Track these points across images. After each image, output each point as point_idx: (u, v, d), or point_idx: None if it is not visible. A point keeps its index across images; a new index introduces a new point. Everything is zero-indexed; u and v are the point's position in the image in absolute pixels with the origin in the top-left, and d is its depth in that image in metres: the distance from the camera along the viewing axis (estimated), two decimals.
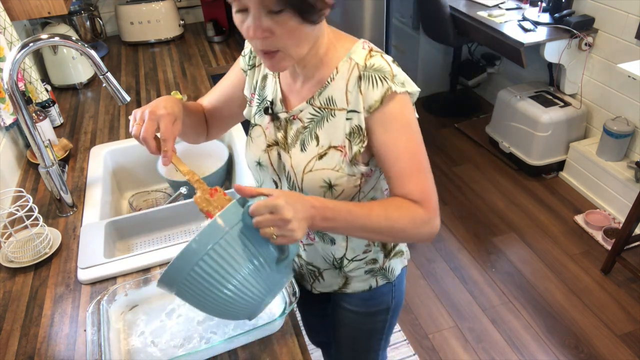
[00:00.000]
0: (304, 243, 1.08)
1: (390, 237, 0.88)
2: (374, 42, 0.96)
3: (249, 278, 0.78)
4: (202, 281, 0.76)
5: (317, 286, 1.17)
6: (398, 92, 0.85)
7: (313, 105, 0.91)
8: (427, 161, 0.89)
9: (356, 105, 0.87)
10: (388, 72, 0.85)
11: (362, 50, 0.88)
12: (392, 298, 1.18)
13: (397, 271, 1.15)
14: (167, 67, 2.21)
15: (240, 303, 0.79)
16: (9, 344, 1.01)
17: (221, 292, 0.78)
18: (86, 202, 1.39)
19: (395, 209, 0.85)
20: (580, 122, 2.88)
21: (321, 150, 0.91)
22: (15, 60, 1.10)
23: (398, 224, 0.84)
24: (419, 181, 0.87)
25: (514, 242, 2.61)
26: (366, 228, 0.84)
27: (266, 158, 0.99)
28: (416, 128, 0.88)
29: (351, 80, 0.86)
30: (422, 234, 0.86)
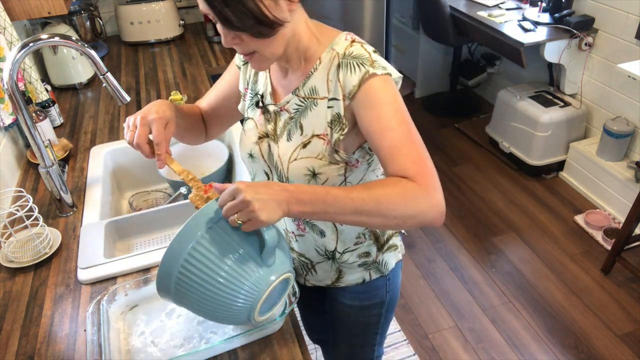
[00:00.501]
0: (295, 234, 1.09)
1: (380, 218, 0.78)
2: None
3: (234, 273, 0.78)
4: (192, 283, 0.78)
5: (311, 279, 1.18)
6: (378, 74, 0.84)
7: (298, 96, 0.93)
8: (417, 135, 0.84)
9: (336, 93, 0.88)
10: (367, 59, 0.85)
11: (345, 41, 0.89)
12: (387, 292, 1.19)
13: (391, 265, 1.15)
14: (167, 67, 2.21)
15: (232, 301, 0.80)
16: (9, 344, 1.01)
17: (211, 291, 0.78)
18: (86, 202, 1.39)
19: (380, 187, 0.80)
20: (580, 122, 2.88)
21: (305, 139, 0.93)
22: (15, 60, 1.10)
23: (385, 201, 0.78)
24: (410, 153, 0.82)
25: (514, 242, 2.61)
26: (348, 209, 0.78)
27: (257, 150, 1.01)
28: (401, 104, 0.85)
29: (332, 69, 0.88)
30: (420, 211, 0.79)
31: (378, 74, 0.84)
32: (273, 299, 0.88)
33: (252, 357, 0.96)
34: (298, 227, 1.07)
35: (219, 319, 0.86)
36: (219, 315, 0.84)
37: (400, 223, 0.80)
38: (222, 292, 0.79)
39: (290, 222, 1.08)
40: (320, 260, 1.12)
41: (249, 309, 0.82)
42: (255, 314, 0.84)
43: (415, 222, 0.81)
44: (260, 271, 0.81)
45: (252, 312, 0.83)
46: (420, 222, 0.81)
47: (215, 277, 0.78)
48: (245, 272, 0.79)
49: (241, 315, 0.83)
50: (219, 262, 0.78)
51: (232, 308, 0.81)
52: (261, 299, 0.82)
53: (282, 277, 0.84)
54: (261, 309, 0.84)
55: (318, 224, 1.04)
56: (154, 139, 0.90)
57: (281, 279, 0.84)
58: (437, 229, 2.71)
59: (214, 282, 0.78)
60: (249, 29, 0.79)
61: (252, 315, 0.84)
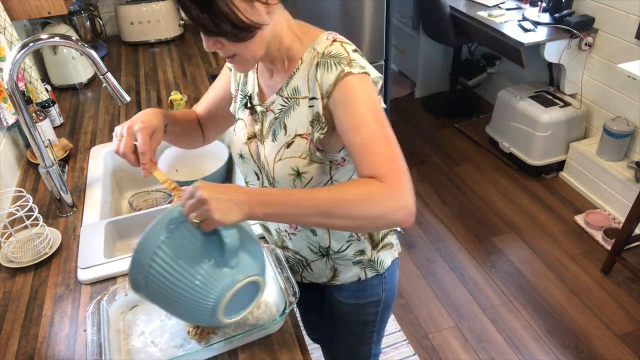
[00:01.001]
0: (289, 232, 1.10)
1: (345, 219, 0.77)
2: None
3: (195, 273, 0.79)
4: (158, 282, 0.80)
5: (307, 275, 1.18)
6: (354, 73, 0.83)
7: (282, 96, 0.94)
8: (390, 133, 0.82)
9: (315, 92, 0.88)
10: (344, 58, 0.85)
11: (326, 40, 0.89)
12: (383, 290, 1.19)
13: (387, 263, 1.16)
14: (167, 67, 2.21)
15: (195, 301, 0.80)
16: (9, 344, 1.01)
17: (175, 290, 0.79)
18: (86, 202, 1.39)
19: (346, 187, 0.79)
20: (580, 122, 2.88)
21: (288, 139, 0.93)
22: (15, 60, 1.10)
23: (349, 201, 0.76)
24: (380, 151, 0.80)
25: (514, 242, 2.61)
26: (312, 210, 0.77)
27: (247, 150, 1.03)
28: (377, 103, 0.84)
29: (311, 68, 0.88)
30: (387, 212, 0.77)
31: (354, 73, 0.83)
32: (241, 301, 0.87)
33: (252, 357, 0.96)
34: (290, 226, 1.08)
35: (187, 318, 0.86)
36: (185, 315, 0.84)
37: (367, 224, 0.79)
38: (185, 291, 0.79)
39: None
40: (315, 259, 1.12)
41: (212, 309, 0.81)
42: (219, 315, 0.83)
43: (383, 223, 0.79)
44: (222, 272, 0.80)
45: (215, 312, 0.82)
46: (388, 223, 0.79)
47: (178, 276, 0.79)
48: (206, 272, 0.79)
49: (205, 316, 0.82)
50: (182, 263, 0.79)
51: (196, 308, 0.81)
52: (224, 300, 0.81)
53: (247, 280, 0.82)
54: (227, 310, 0.83)
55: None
56: (138, 148, 0.91)
57: (246, 281, 0.82)
58: (437, 229, 2.71)
59: (177, 282, 0.79)
60: (226, 33, 0.80)
61: (217, 316, 0.82)
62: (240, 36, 0.81)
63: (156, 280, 0.80)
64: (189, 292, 0.79)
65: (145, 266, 0.79)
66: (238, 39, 0.81)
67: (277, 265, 1.05)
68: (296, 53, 0.91)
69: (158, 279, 0.79)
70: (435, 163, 3.22)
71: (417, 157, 3.28)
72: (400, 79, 4.17)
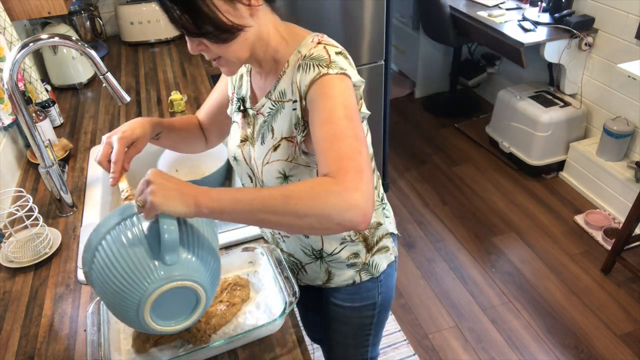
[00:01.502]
0: (282, 235, 1.10)
1: (290, 216, 0.72)
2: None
3: (130, 262, 0.76)
4: (99, 269, 0.79)
5: (302, 278, 1.19)
6: (331, 73, 0.82)
7: (271, 100, 0.94)
8: (358, 132, 0.79)
9: (295, 95, 0.88)
10: (324, 60, 0.84)
11: (311, 43, 0.88)
12: (378, 294, 1.19)
13: (383, 267, 1.15)
14: (167, 67, 2.21)
15: (122, 290, 0.77)
16: (9, 344, 1.01)
17: (109, 278, 0.77)
18: (86, 202, 1.39)
19: (296, 184, 0.76)
20: (580, 122, 2.88)
21: (275, 142, 0.94)
22: (15, 60, 1.10)
23: (294, 196, 0.73)
24: (340, 148, 0.76)
25: (514, 242, 2.61)
26: (257, 206, 0.73)
27: (240, 153, 1.04)
28: (350, 101, 0.82)
29: (294, 71, 0.88)
30: (333, 210, 0.71)
31: (331, 73, 0.82)
32: (175, 309, 0.82)
33: (252, 357, 0.96)
34: None
35: (118, 313, 0.81)
36: (116, 309, 0.80)
37: (316, 224, 0.73)
38: (118, 280, 0.77)
39: None
40: (309, 261, 1.13)
41: (138, 304, 0.77)
42: (145, 314, 0.78)
43: (332, 223, 0.72)
44: (154, 266, 0.77)
45: (141, 309, 0.77)
46: (338, 223, 0.72)
47: (115, 264, 0.77)
48: (140, 263, 0.76)
49: (132, 312, 0.78)
50: (122, 251, 0.77)
51: (124, 301, 0.77)
52: (151, 297, 0.76)
53: (181, 282, 0.77)
54: (156, 312, 0.79)
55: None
56: (111, 157, 0.94)
57: (179, 284, 0.77)
58: (437, 229, 2.71)
59: (113, 270, 0.77)
60: (207, 34, 0.80)
61: (143, 315, 0.78)
62: (221, 37, 0.81)
63: (98, 266, 0.78)
64: (121, 283, 0.76)
65: (93, 250, 0.80)
66: (220, 40, 0.81)
67: (277, 265, 1.05)
68: (283, 56, 0.90)
69: (100, 264, 0.78)
70: (435, 163, 3.22)
71: (417, 157, 3.28)
72: (400, 79, 4.17)
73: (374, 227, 1.10)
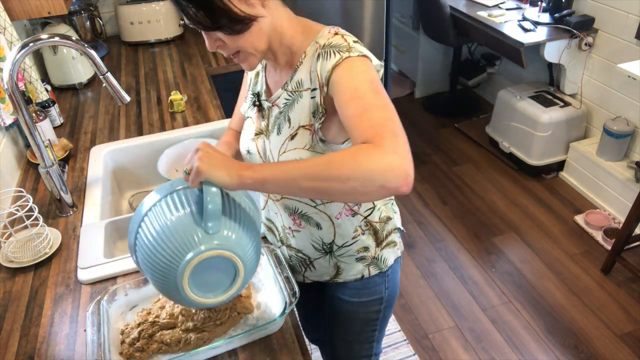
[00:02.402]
0: (292, 229, 1.10)
1: (334, 182, 0.73)
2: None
3: (173, 228, 0.80)
4: (144, 237, 0.81)
5: (310, 275, 1.19)
6: (352, 56, 0.84)
7: (287, 90, 0.95)
8: (387, 103, 0.80)
9: (315, 83, 0.89)
10: (344, 46, 0.86)
11: (328, 34, 0.91)
12: (386, 288, 1.19)
13: (390, 261, 1.16)
14: (167, 67, 2.21)
15: (163, 254, 0.79)
16: (9, 344, 1.01)
17: (152, 243, 0.80)
18: (86, 202, 1.39)
19: (335, 152, 0.77)
20: (580, 122, 2.88)
21: (292, 131, 0.95)
22: (15, 60, 1.10)
23: (336, 161, 0.74)
24: (372, 118, 0.78)
25: (514, 242, 2.61)
26: (300, 173, 0.75)
27: (254, 146, 1.05)
28: (374, 76, 0.83)
29: (313, 61, 0.90)
30: (376, 172, 0.72)
31: (352, 56, 0.85)
32: (214, 280, 0.83)
33: (252, 357, 0.96)
34: (294, 222, 1.08)
35: (159, 282, 0.82)
36: (158, 278, 0.81)
37: (357, 187, 0.73)
38: (160, 247, 0.79)
39: (287, 217, 1.09)
40: (318, 256, 1.13)
41: (180, 271, 0.78)
42: (185, 281, 0.79)
43: (376, 186, 0.73)
44: (197, 232, 0.79)
45: (181, 277, 0.79)
46: (381, 186, 0.72)
47: (158, 231, 0.80)
48: (182, 229, 0.79)
49: (172, 280, 0.80)
50: (166, 219, 0.81)
51: (164, 266, 0.79)
52: (190, 262, 0.78)
53: (222, 251, 0.79)
54: (195, 281, 0.81)
55: (313, 216, 1.04)
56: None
57: (220, 252, 0.79)
58: (437, 229, 2.71)
59: (155, 237, 0.80)
60: (223, 27, 0.83)
61: (183, 283, 0.79)
62: (236, 28, 0.83)
63: (143, 235, 0.82)
64: (163, 249, 0.79)
65: (138, 222, 0.82)
66: (234, 32, 0.84)
67: (277, 265, 1.05)
68: (299, 47, 0.93)
69: (145, 233, 0.81)
70: (435, 163, 3.22)
71: (417, 157, 3.28)
72: (400, 79, 4.17)
73: (384, 221, 1.11)
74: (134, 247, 0.84)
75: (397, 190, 0.74)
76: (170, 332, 0.96)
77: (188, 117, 1.80)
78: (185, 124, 1.75)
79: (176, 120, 1.78)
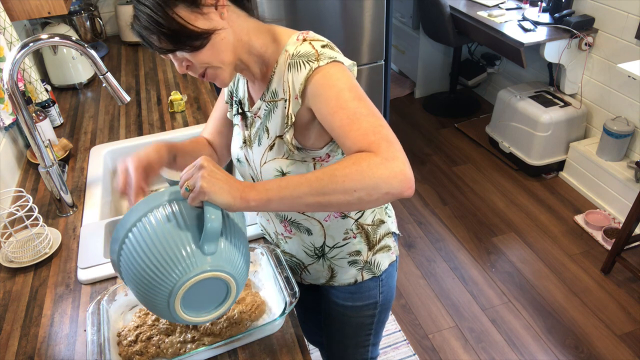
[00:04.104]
0: (284, 235, 1.11)
1: (340, 194, 0.74)
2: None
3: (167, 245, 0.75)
4: (130, 252, 0.77)
5: (306, 277, 1.19)
6: (322, 65, 0.83)
7: (265, 101, 0.95)
8: (371, 109, 0.80)
9: (287, 94, 0.89)
10: (312, 55, 0.85)
11: (296, 41, 0.89)
12: (380, 293, 1.19)
13: (384, 266, 1.16)
14: (167, 67, 2.21)
15: (155, 274, 0.75)
16: (9, 344, 1.01)
17: (142, 260, 0.76)
18: (86, 202, 1.39)
19: (336, 164, 0.77)
20: (580, 122, 2.88)
21: (270, 141, 0.95)
22: (15, 60, 1.10)
23: (339, 174, 0.74)
24: (360, 127, 0.77)
25: (514, 242, 2.61)
26: (304, 190, 0.75)
27: (242, 155, 1.05)
28: (351, 83, 0.83)
29: (285, 70, 0.88)
30: (381, 180, 0.73)
31: (322, 65, 0.83)
32: (205, 300, 0.81)
33: (252, 357, 0.96)
34: (285, 229, 1.09)
35: (146, 298, 0.80)
36: (145, 293, 0.78)
37: (365, 197, 0.74)
38: (152, 262, 0.76)
39: (278, 223, 1.09)
40: (311, 262, 1.13)
41: (171, 291, 0.76)
42: (176, 302, 0.77)
43: (381, 193, 0.74)
44: (193, 253, 0.76)
45: (173, 297, 0.76)
46: (387, 192, 0.74)
47: (149, 247, 0.76)
48: (177, 247, 0.76)
49: (163, 298, 0.77)
50: (158, 236, 0.76)
51: (154, 287, 0.76)
52: (184, 284, 0.75)
53: (218, 273, 0.77)
54: (187, 302, 0.79)
55: (303, 222, 1.05)
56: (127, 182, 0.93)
57: (215, 274, 0.77)
58: (437, 229, 2.71)
59: (144, 255, 0.76)
60: (183, 46, 0.81)
61: (174, 303, 0.77)
62: (195, 45, 0.81)
63: (128, 251, 0.77)
64: (155, 265, 0.75)
65: (125, 233, 0.78)
66: (196, 48, 0.82)
67: (277, 265, 1.05)
68: (271, 57, 0.91)
69: (131, 248, 0.77)
70: (435, 163, 3.22)
71: (417, 157, 3.28)
72: (400, 79, 4.17)
73: (377, 225, 1.11)
74: (118, 258, 0.80)
75: (401, 194, 0.75)
76: (169, 341, 0.96)
77: (188, 117, 1.80)
78: (185, 124, 1.75)
79: (176, 120, 1.78)
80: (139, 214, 0.79)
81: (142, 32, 0.82)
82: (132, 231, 0.78)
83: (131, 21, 0.84)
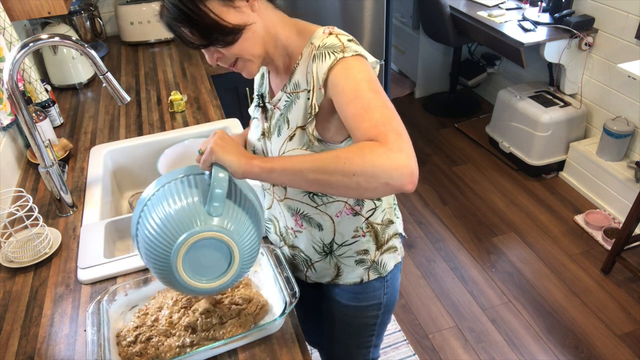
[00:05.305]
0: (294, 230, 1.11)
1: (339, 176, 0.75)
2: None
3: (176, 207, 0.81)
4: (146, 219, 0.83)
5: (311, 275, 1.19)
6: (347, 57, 0.85)
7: (286, 93, 0.96)
8: (386, 102, 0.81)
9: (311, 85, 0.90)
10: (338, 47, 0.86)
11: (322, 34, 0.91)
12: (384, 294, 1.19)
13: (390, 267, 1.16)
14: (167, 67, 2.21)
15: (161, 232, 0.80)
16: (9, 344, 1.01)
17: (155, 222, 0.81)
18: (86, 202, 1.39)
19: (342, 148, 0.80)
20: (580, 122, 2.88)
21: (291, 132, 0.96)
22: (15, 61, 1.10)
23: (342, 156, 0.76)
24: (372, 118, 0.78)
25: (514, 242, 2.61)
26: (306, 165, 0.78)
27: (260, 146, 1.06)
28: (371, 76, 0.84)
29: (309, 62, 0.90)
30: (381, 169, 0.73)
31: (347, 57, 0.85)
32: (209, 264, 0.83)
33: (252, 357, 0.96)
34: (296, 223, 1.09)
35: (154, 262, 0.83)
36: (153, 258, 0.82)
37: (362, 182, 0.74)
38: (160, 223, 0.81)
39: (289, 217, 1.09)
40: (319, 259, 1.13)
41: (176, 249, 0.79)
42: (179, 261, 0.80)
43: (380, 183, 0.74)
44: (198, 213, 0.81)
45: (176, 257, 0.79)
46: (386, 183, 0.74)
47: (158, 212, 0.82)
48: (184, 209, 0.81)
49: (165, 260, 0.80)
50: (169, 202, 0.83)
51: (161, 244, 0.80)
52: (187, 240, 0.78)
53: (218, 234, 0.80)
54: (189, 264, 0.81)
55: (315, 216, 1.05)
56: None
57: (217, 234, 0.80)
58: (437, 229, 2.71)
59: (155, 217, 0.81)
60: (216, 42, 0.84)
61: (177, 263, 0.80)
62: (228, 40, 0.84)
63: (145, 220, 0.83)
64: (163, 230, 0.80)
65: (141, 206, 0.85)
66: (229, 43, 0.85)
67: (277, 265, 1.05)
68: (295, 49, 0.93)
69: (147, 217, 0.82)
70: (435, 163, 3.22)
71: (417, 157, 3.22)
72: (400, 79, 4.17)
73: (386, 224, 1.11)
74: (136, 232, 0.85)
75: (402, 188, 0.75)
76: (167, 344, 0.96)
77: (188, 117, 1.80)
78: (185, 124, 1.75)
79: (176, 120, 1.78)
80: (156, 187, 0.86)
81: (171, 24, 0.83)
82: (147, 204, 0.84)
83: (159, 11, 0.85)
